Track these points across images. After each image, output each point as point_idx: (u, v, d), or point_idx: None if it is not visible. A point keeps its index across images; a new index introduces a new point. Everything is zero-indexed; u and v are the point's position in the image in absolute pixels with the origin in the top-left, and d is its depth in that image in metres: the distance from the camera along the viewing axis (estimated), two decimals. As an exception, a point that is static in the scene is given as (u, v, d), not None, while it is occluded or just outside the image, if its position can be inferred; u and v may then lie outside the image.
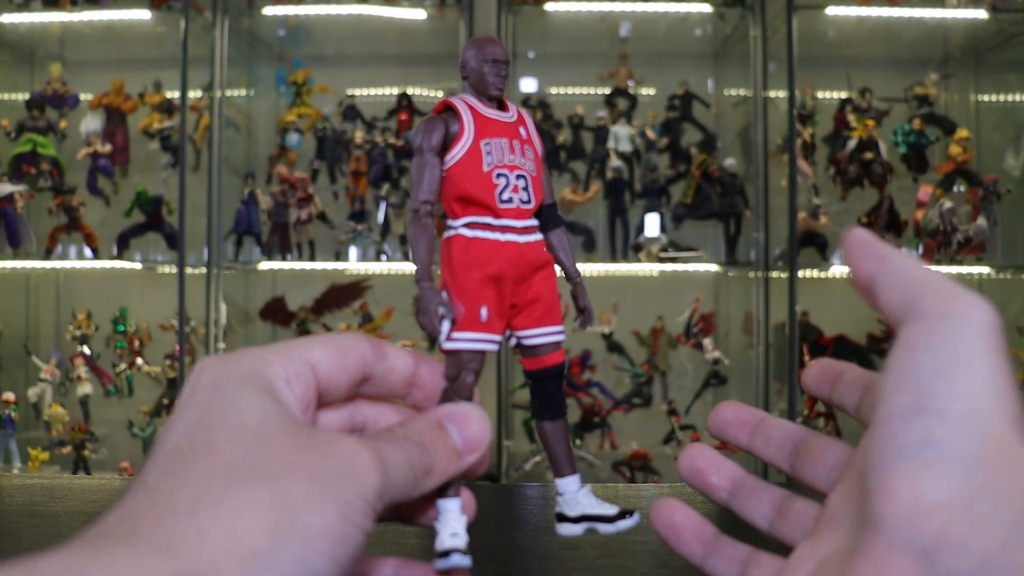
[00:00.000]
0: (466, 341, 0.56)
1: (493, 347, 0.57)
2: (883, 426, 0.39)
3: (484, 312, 0.57)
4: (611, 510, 0.56)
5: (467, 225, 0.58)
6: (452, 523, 0.53)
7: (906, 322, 0.41)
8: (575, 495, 0.58)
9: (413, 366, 0.54)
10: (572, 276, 0.62)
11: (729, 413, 0.58)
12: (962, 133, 3.14)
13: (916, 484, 0.37)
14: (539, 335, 0.59)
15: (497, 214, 0.58)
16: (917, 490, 0.37)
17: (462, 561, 0.51)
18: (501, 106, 0.61)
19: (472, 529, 0.55)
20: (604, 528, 0.56)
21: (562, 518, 0.58)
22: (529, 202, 0.58)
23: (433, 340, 0.59)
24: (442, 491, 0.53)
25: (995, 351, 0.40)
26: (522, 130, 0.60)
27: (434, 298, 0.57)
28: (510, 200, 0.58)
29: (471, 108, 0.59)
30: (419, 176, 0.59)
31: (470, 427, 0.51)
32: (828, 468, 0.51)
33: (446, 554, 0.51)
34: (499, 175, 0.58)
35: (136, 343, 3.34)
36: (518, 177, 0.59)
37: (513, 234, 0.58)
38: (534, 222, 0.59)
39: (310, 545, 0.38)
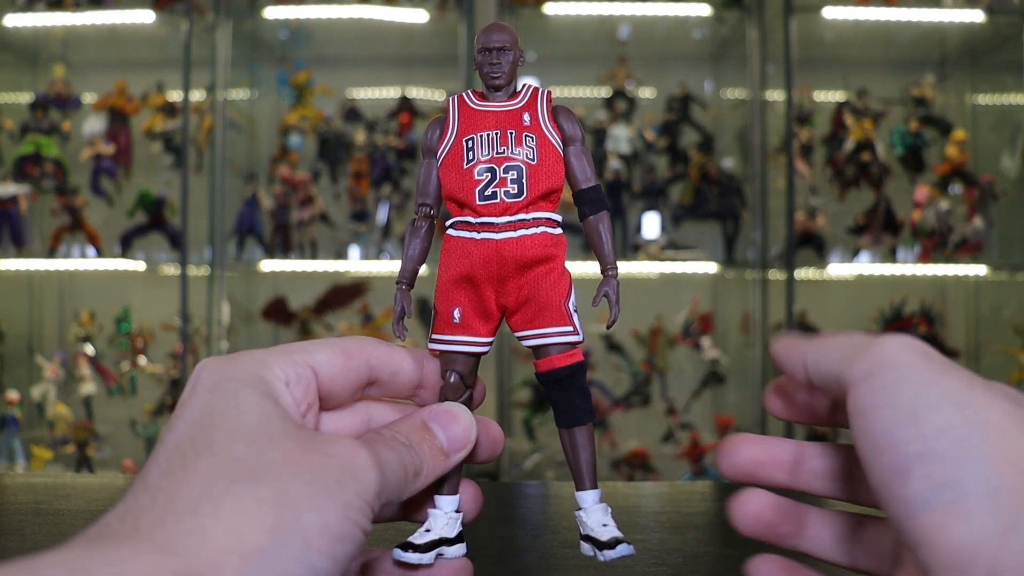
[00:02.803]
0: (440, 343, 0.57)
1: (473, 348, 0.56)
2: (884, 491, 0.38)
3: (456, 314, 0.56)
4: (605, 535, 0.53)
5: (453, 225, 0.57)
6: (432, 520, 0.54)
7: (847, 392, 0.41)
8: (586, 511, 0.55)
9: (419, 368, 0.55)
10: (602, 266, 0.58)
11: (757, 452, 0.51)
12: (959, 134, 3.15)
13: (945, 531, 0.35)
14: (533, 336, 0.56)
15: (476, 212, 0.56)
16: (949, 536, 0.35)
17: (415, 558, 0.52)
18: (514, 93, 0.59)
19: (471, 527, 0.56)
20: (597, 554, 0.53)
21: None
22: (519, 195, 0.55)
23: None
24: (437, 487, 0.54)
25: (945, 373, 0.39)
26: (526, 116, 0.57)
27: (396, 302, 0.58)
28: (493, 195, 0.55)
29: (461, 104, 0.59)
30: (418, 178, 0.59)
31: (455, 426, 0.52)
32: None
33: (406, 547, 0.52)
34: (483, 170, 0.56)
35: (139, 342, 3.36)
36: (507, 169, 0.56)
37: (490, 232, 0.56)
38: (531, 215, 0.56)
39: (310, 544, 0.39)
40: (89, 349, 3.34)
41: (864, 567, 0.50)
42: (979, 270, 3.17)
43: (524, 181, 0.56)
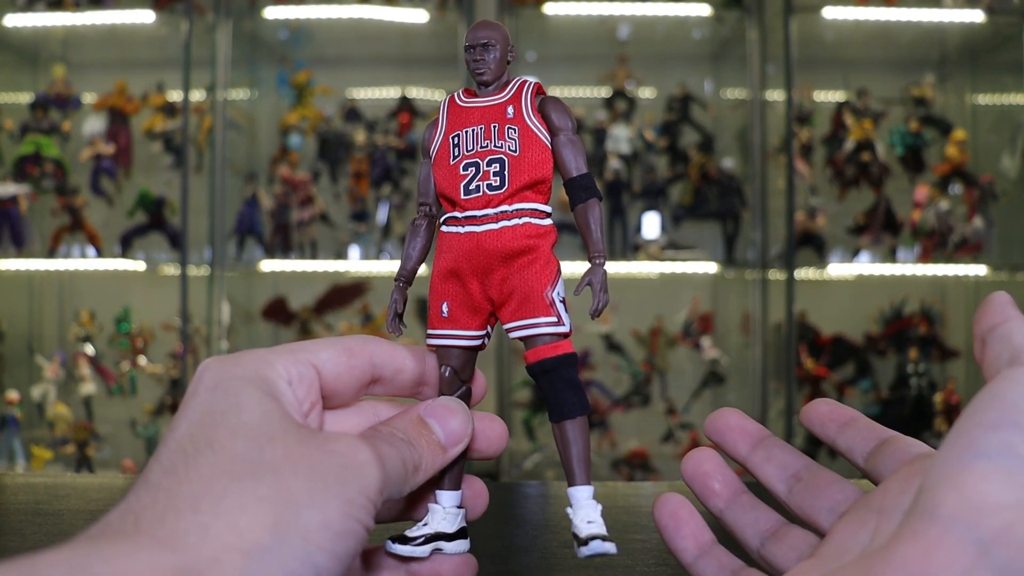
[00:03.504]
0: (432, 337, 0.57)
1: (462, 342, 0.57)
2: (964, 433, 0.39)
3: (444, 308, 0.57)
4: (584, 531, 0.52)
5: (444, 222, 0.58)
6: (430, 514, 0.54)
7: (1011, 366, 0.41)
8: (575, 508, 0.54)
9: (421, 365, 0.55)
10: (588, 254, 0.57)
11: (733, 420, 0.55)
12: (958, 134, 3.15)
13: (988, 483, 0.36)
14: (516, 328, 0.55)
15: (462, 206, 0.56)
16: (988, 488, 0.36)
17: (406, 550, 0.52)
18: (502, 88, 0.59)
19: (472, 527, 0.56)
20: (577, 550, 0.52)
21: None
22: (500, 187, 0.55)
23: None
24: (438, 483, 0.54)
25: None
26: (510, 109, 0.57)
27: (391, 299, 0.59)
28: (476, 189, 0.56)
29: (451, 103, 0.59)
30: (419, 178, 0.60)
31: (451, 420, 0.52)
32: (832, 503, 0.50)
33: (404, 540, 0.52)
34: (468, 165, 0.56)
35: (139, 342, 3.36)
36: (490, 162, 0.56)
37: (473, 225, 0.56)
38: (513, 207, 0.55)
39: (311, 541, 0.39)
40: (89, 349, 3.34)
41: (771, 556, 0.51)
42: (979, 270, 3.18)
43: (506, 173, 0.55)
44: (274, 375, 0.46)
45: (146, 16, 3.23)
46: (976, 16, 3.13)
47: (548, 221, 0.57)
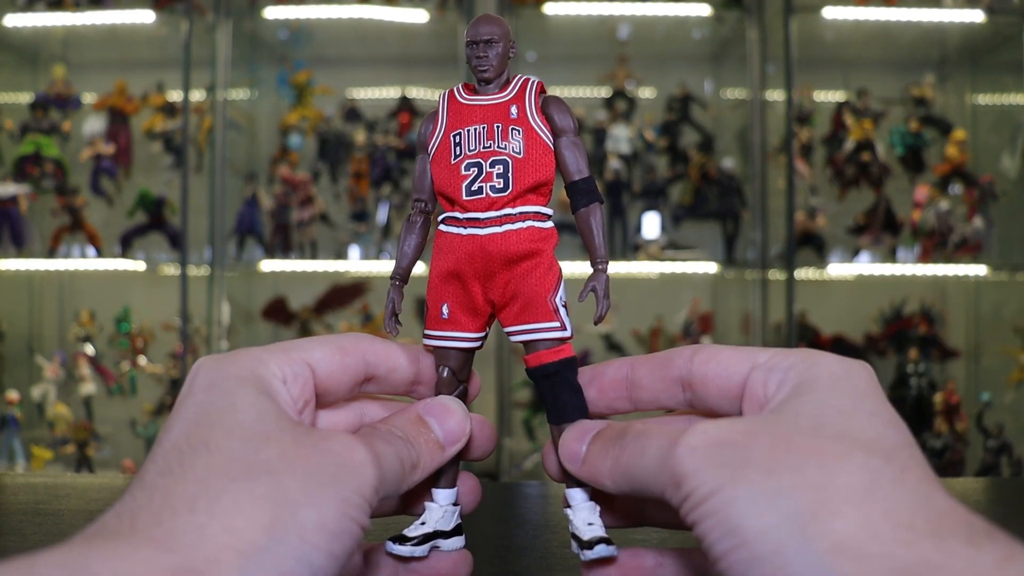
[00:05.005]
0: (431, 338, 0.57)
1: (462, 344, 0.56)
2: None
3: (445, 309, 0.56)
4: (587, 535, 0.52)
5: (443, 221, 0.57)
6: (428, 513, 0.54)
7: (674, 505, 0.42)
8: (573, 509, 0.55)
9: (415, 364, 0.55)
10: (591, 260, 0.56)
11: (607, 376, 0.56)
12: (959, 134, 3.15)
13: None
14: (520, 332, 0.55)
15: (463, 207, 0.55)
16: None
17: (406, 551, 0.52)
18: (504, 85, 0.58)
19: (472, 527, 0.56)
20: (579, 553, 0.52)
21: None
22: (505, 189, 0.55)
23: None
24: (434, 481, 0.55)
25: (766, 479, 0.40)
26: (513, 109, 0.56)
27: (388, 298, 0.58)
28: (479, 191, 0.55)
29: (451, 99, 0.58)
30: (414, 174, 0.59)
31: (450, 419, 0.52)
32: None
33: (403, 540, 0.53)
34: (469, 165, 0.55)
35: (139, 342, 3.36)
36: (493, 164, 0.55)
37: (475, 227, 0.55)
38: (517, 210, 0.55)
39: (308, 540, 0.39)
40: (89, 349, 3.34)
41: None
42: (979, 270, 3.17)
43: (510, 175, 0.55)
44: (268, 374, 0.46)
45: (146, 16, 3.23)
46: (976, 16, 3.13)
47: (549, 224, 0.56)
